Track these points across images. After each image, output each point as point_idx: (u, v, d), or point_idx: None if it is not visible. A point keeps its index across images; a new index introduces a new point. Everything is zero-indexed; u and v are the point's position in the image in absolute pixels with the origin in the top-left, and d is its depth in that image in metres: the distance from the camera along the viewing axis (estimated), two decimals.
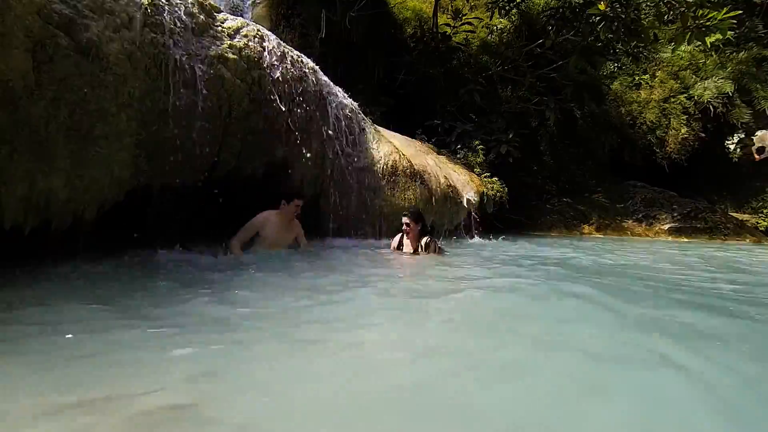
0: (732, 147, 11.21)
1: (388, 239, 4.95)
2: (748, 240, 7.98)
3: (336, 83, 4.62)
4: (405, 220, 3.87)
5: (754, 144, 12.80)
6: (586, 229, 8.41)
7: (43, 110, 2.28)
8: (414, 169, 5.30)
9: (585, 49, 7.93)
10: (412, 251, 3.89)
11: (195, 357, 1.29)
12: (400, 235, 4.04)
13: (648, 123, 9.96)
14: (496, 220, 7.46)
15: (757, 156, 11.14)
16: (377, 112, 6.94)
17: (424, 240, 3.86)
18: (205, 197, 3.27)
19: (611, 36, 6.76)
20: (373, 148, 4.94)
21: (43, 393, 1.05)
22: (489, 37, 9.51)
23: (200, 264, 2.90)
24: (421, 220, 3.95)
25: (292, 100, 3.79)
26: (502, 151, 7.37)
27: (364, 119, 5.00)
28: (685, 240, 7.84)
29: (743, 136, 11.66)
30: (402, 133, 6.50)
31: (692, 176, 10.33)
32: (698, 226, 8.22)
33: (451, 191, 5.87)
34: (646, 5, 7.28)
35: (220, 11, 3.46)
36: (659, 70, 10.20)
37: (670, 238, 8.01)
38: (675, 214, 8.51)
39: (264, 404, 1.04)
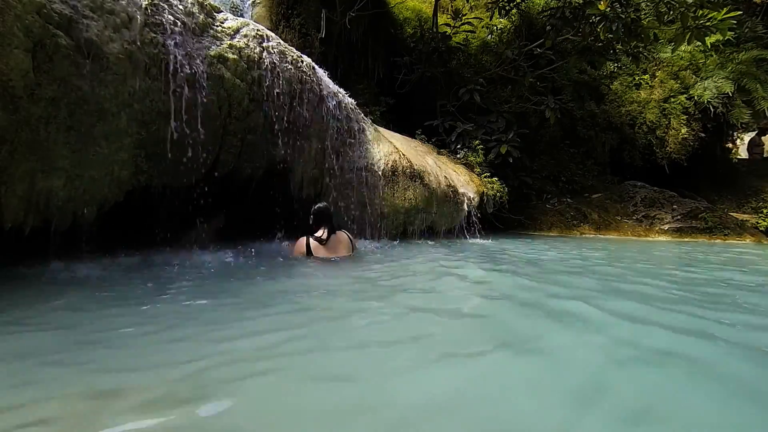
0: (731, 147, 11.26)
1: (388, 239, 4.96)
2: (748, 240, 7.98)
3: (336, 83, 4.62)
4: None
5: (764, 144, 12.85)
6: (586, 229, 8.41)
7: (43, 110, 2.28)
8: (414, 169, 5.30)
9: (585, 49, 7.93)
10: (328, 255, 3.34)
11: (188, 360, 1.30)
12: (305, 238, 3.36)
13: (648, 123, 9.96)
14: (496, 220, 7.46)
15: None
16: (377, 112, 6.95)
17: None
18: (205, 197, 3.28)
19: (611, 36, 6.75)
20: (373, 148, 4.94)
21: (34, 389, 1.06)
22: (489, 37, 9.51)
23: (199, 265, 2.90)
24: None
25: (291, 99, 3.80)
26: (502, 151, 7.37)
27: (363, 119, 5.00)
28: (686, 239, 7.84)
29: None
30: (402, 133, 6.50)
31: (692, 176, 10.33)
32: (698, 226, 8.22)
33: (451, 191, 5.87)
34: (646, 5, 7.28)
35: (220, 11, 3.46)
36: (659, 70, 10.19)
37: (670, 238, 8.01)
38: (675, 214, 8.51)
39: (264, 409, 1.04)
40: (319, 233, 3.38)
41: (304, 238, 3.38)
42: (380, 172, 4.89)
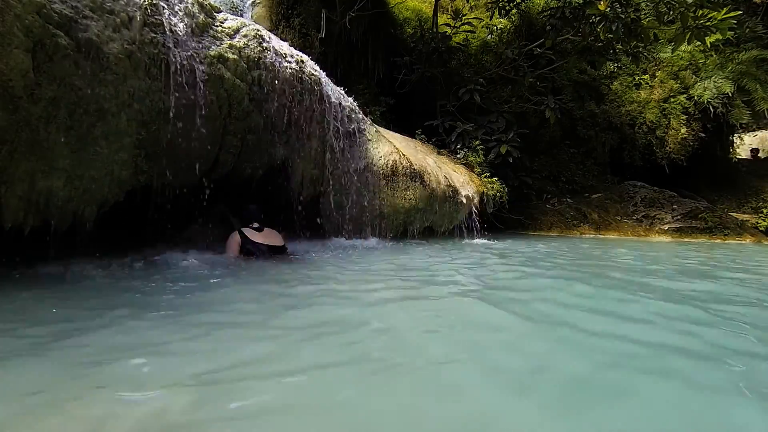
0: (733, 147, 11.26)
1: (388, 239, 4.96)
2: (748, 240, 7.98)
3: (336, 83, 4.62)
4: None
5: None
6: (586, 229, 8.41)
7: (43, 110, 2.28)
8: (414, 169, 5.30)
9: (585, 49, 7.93)
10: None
11: (183, 363, 1.30)
12: (235, 233, 3.26)
13: (648, 123, 9.96)
14: (496, 220, 7.46)
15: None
16: (377, 112, 6.94)
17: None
18: (204, 197, 3.28)
19: (611, 36, 6.75)
20: (373, 148, 4.94)
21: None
22: (489, 37, 9.51)
23: (200, 265, 2.90)
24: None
25: (291, 99, 3.80)
26: (502, 151, 7.37)
27: (363, 119, 5.00)
28: (686, 239, 7.84)
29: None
30: (402, 133, 6.50)
31: (692, 176, 10.33)
32: (698, 226, 8.22)
33: (451, 191, 5.87)
34: (646, 5, 7.28)
35: (220, 11, 3.46)
36: (659, 70, 10.19)
37: (670, 238, 8.01)
38: (675, 214, 8.51)
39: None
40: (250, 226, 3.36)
41: (235, 233, 3.27)
42: (380, 172, 4.89)
